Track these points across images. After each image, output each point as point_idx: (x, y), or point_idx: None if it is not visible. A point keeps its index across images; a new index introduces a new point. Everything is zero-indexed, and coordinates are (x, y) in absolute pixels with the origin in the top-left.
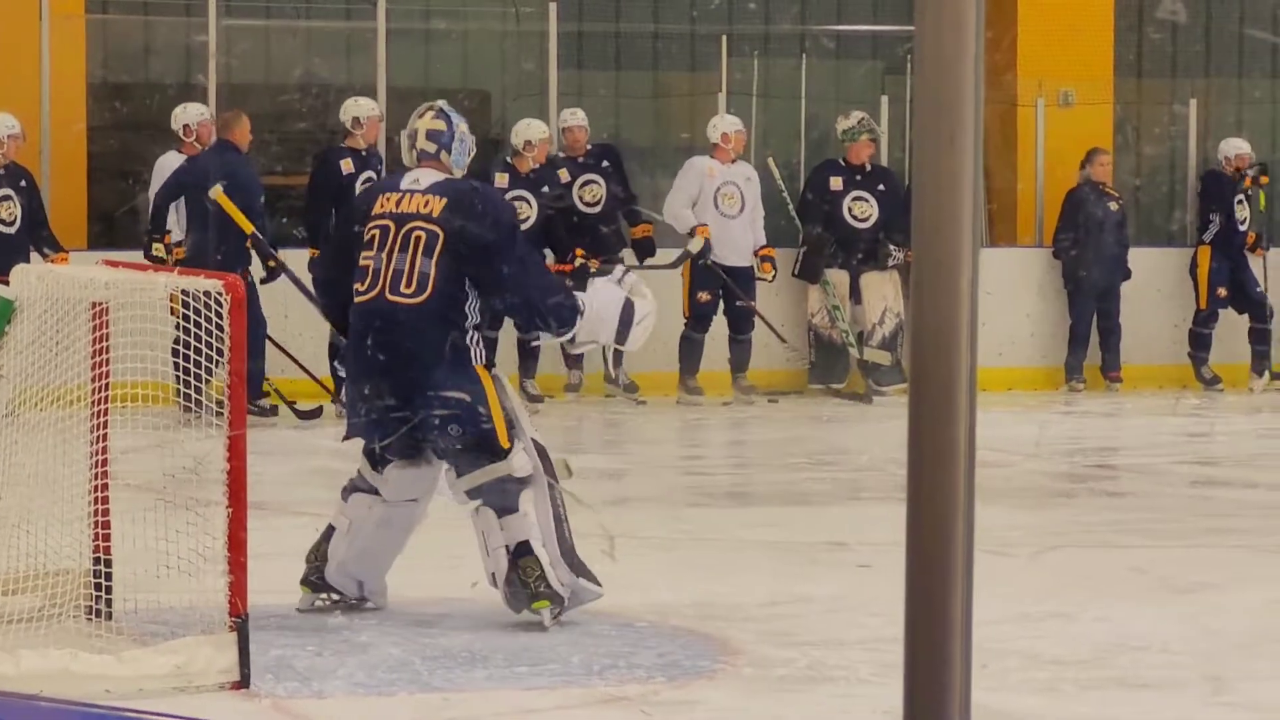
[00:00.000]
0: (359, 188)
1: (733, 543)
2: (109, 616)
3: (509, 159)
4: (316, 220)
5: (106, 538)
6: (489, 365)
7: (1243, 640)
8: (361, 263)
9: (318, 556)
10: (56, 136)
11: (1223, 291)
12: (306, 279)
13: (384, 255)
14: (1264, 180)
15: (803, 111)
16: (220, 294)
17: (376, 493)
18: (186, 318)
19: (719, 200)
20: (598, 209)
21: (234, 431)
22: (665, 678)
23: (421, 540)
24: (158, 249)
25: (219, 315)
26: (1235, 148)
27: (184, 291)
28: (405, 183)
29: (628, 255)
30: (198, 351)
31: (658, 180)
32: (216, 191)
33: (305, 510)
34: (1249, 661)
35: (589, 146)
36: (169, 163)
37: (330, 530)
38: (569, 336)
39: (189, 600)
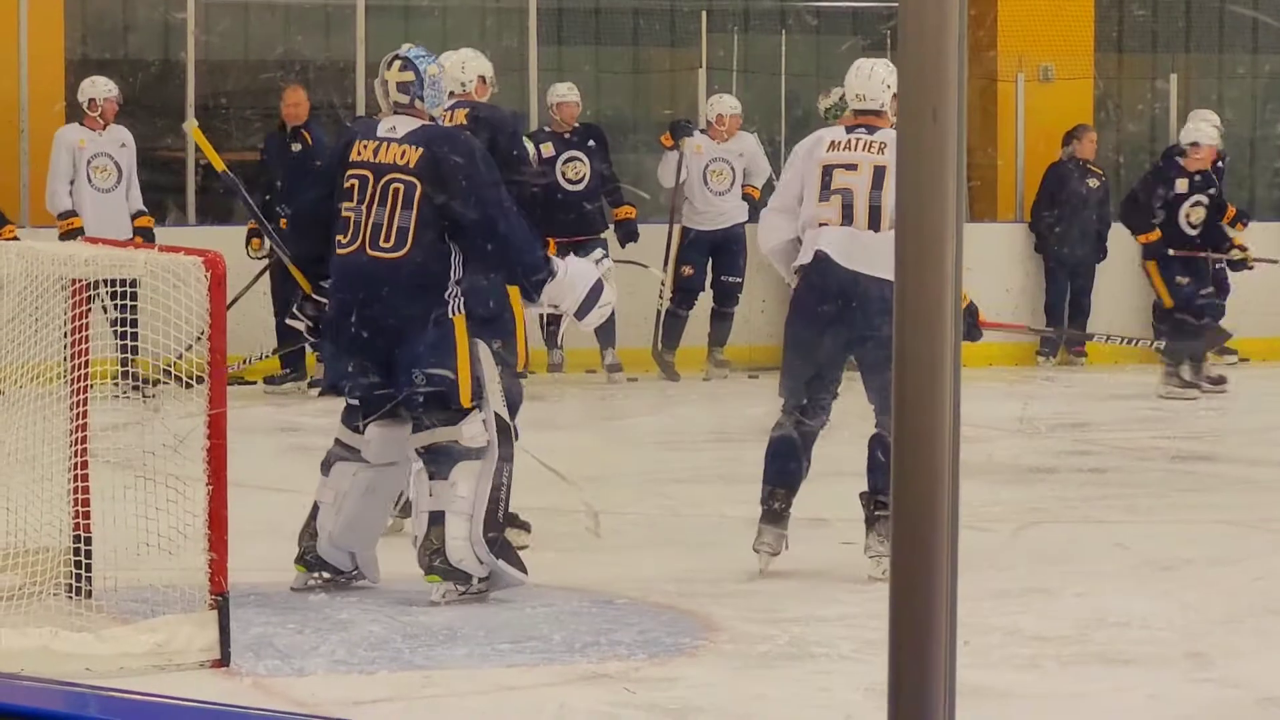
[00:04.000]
0: None
1: (714, 519)
2: (89, 594)
3: None
4: None
5: (86, 515)
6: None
7: (1223, 616)
8: (342, 213)
9: (309, 534)
10: (35, 113)
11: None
12: None
13: (363, 208)
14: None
15: (783, 87)
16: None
17: (357, 458)
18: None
19: (708, 177)
20: (581, 186)
21: (214, 409)
22: (646, 654)
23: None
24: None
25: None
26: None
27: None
28: (382, 129)
29: (609, 236)
30: (177, 328)
31: (639, 155)
32: (191, 125)
33: (285, 487)
34: (1230, 637)
35: (577, 124)
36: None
37: (316, 507)
38: (536, 294)
39: (169, 578)
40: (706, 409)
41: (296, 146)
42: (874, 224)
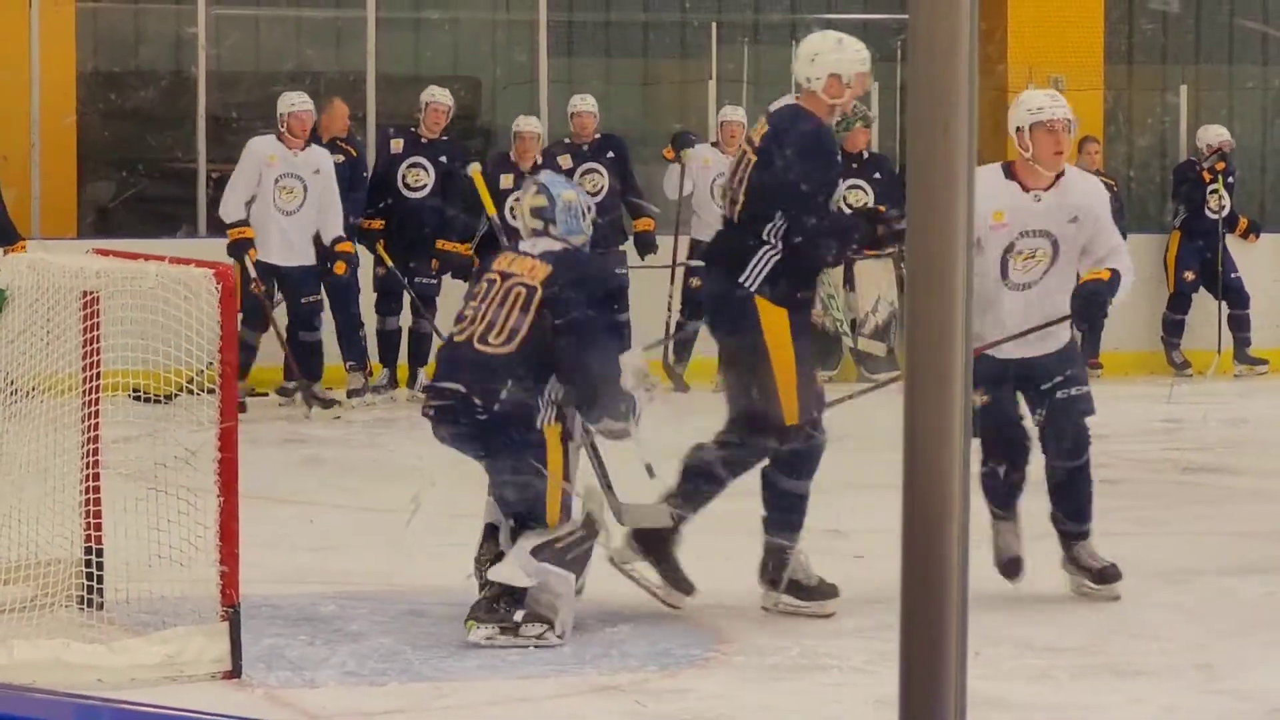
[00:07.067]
0: (403, 170)
1: (726, 530)
2: (101, 606)
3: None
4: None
5: (98, 527)
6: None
7: (1234, 628)
8: (463, 309)
9: (485, 560)
10: (46, 125)
11: (1190, 275)
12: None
13: (483, 305)
14: (1219, 167)
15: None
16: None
17: None
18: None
19: (715, 190)
20: (597, 199)
21: (225, 423)
22: (657, 666)
23: (414, 528)
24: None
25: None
26: (1208, 135)
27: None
28: (524, 245)
29: (628, 248)
30: (189, 341)
31: (650, 168)
32: (475, 169)
33: (296, 499)
34: (1240, 649)
35: (596, 136)
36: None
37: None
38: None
39: (181, 590)
40: (716, 421)
41: (340, 158)
42: None
